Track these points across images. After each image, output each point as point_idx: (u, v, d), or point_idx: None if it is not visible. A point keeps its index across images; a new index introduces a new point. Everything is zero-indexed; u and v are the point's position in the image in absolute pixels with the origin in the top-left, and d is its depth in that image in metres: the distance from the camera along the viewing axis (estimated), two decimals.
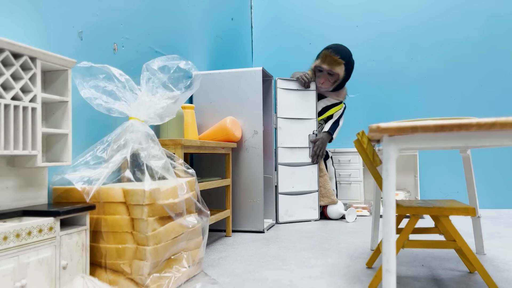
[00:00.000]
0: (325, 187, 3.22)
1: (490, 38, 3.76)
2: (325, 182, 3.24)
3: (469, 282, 1.55)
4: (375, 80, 4.01)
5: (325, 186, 3.22)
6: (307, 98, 3.21)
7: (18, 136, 1.20)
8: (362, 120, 4.04)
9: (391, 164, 1.18)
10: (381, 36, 4.01)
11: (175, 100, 1.77)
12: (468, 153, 1.90)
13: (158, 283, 1.40)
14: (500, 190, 3.71)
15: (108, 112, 1.64)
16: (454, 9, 3.83)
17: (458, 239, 1.49)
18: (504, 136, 1.13)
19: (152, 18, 2.30)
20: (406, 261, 1.88)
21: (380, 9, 4.01)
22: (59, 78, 1.41)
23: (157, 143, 1.68)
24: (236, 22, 3.87)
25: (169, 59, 1.79)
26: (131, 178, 1.60)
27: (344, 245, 2.22)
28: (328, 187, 3.22)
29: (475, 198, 1.93)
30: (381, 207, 3.11)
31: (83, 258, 1.34)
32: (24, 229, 1.10)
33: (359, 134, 1.71)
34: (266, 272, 1.72)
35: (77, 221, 1.36)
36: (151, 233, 1.39)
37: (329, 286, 1.53)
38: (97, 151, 1.58)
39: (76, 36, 1.69)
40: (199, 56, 2.99)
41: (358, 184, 3.64)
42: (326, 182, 3.24)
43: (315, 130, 3.18)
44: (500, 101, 3.73)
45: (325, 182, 3.24)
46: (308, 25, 4.21)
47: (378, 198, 2.08)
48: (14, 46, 1.17)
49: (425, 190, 3.86)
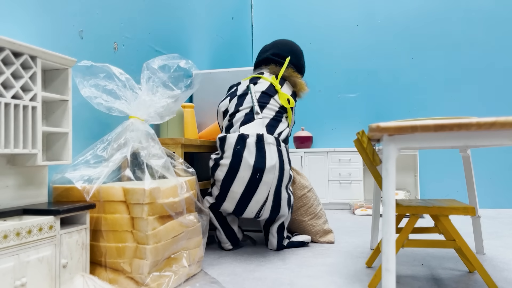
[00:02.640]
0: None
1: (490, 38, 3.75)
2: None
3: (468, 282, 1.55)
4: (375, 80, 4.01)
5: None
6: None
7: (18, 135, 1.20)
8: (362, 119, 4.04)
9: (391, 164, 1.19)
10: (381, 35, 4.01)
11: (175, 99, 1.77)
12: (468, 152, 1.90)
13: (158, 282, 1.41)
14: (500, 189, 3.71)
15: (108, 111, 1.64)
16: (455, 9, 3.83)
17: (457, 239, 1.49)
18: (504, 136, 1.14)
19: (153, 17, 2.30)
20: (406, 260, 1.89)
21: (381, 8, 4.01)
22: (59, 77, 1.41)
23: (157, 142, 1.68)
24: (237, 21, 3.87)
25: (170, 58, 1.80)
26: (131, 177, 1.60)
27: (344, 245, 2.22)
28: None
29: (475, 198, 1.93)
30: (381, 206, 3.11)
31: (83, 257, 1.34)
32: (24, 228, 1.10)
33: (359, 133, 1.71)
34: (266, 271, 1.72)
35: (77, 219, 1.36)
36: (151, 232, 1.39)
37: (329, 285, 1.53)
38: (97, 150, 1.58)
39: (77, 35, 1.69)
40: (200, 55, 2.99)
41: (358, 184, 3.64)
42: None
43: None
44: (500, 100, 3.73)
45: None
46: (308, 24, 4.21)
47: (378, 197, 2.08)
48: (14, 45, 1.17)
49: (425, 189, 3.86)
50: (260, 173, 1.93)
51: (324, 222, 2.31)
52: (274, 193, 1.98)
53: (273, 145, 1.99)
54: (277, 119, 2.14)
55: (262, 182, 1.93)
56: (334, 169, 3.69)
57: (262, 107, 2.15)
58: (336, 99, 4.10)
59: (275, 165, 1.94)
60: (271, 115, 2.14)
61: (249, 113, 2.13)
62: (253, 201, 1.98)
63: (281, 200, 2.01)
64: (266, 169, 1.93)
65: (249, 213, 2.02)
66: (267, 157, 1.95)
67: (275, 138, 2.02)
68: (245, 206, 2.00)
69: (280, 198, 2.00)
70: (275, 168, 1.94)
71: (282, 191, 2.00)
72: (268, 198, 1.98)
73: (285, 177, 2.01)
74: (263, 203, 1.99)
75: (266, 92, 2.20)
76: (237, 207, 2.01)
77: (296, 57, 2.39)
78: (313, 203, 2.28)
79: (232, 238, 2.16)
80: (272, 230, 2.11)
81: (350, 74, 4.07)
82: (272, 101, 2.18)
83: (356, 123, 4.05)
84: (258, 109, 2.13)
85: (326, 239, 2.28)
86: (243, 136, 1.98)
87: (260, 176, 1.93)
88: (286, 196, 2.05)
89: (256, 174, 1.93)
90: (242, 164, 1.93)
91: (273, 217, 2.07)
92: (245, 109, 2.16)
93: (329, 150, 3.70)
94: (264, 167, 1.93)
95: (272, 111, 2.15)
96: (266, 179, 1.94)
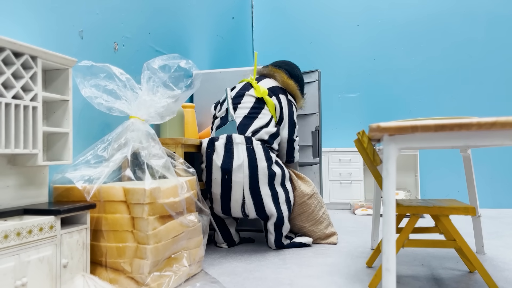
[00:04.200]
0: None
1: (491, 37, 3.75)
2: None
3: (469, 282, 1.55)
4: (376, 80, 4.01)
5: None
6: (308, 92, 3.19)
7: (19, 135, 1.20)
8: (363, 119, 4.04)
9: (391, 164, 1.19)
10: (381, 35, 4.00)
11: (175, 99, 1.77)
12: (468, 152, 1.90)
13: (158, 281, 1.41)
14: (500, 189, 3.71)
15: (109, 111, 1.64)
16: (455, 8, 3.83)
17: (458, 239, 1.49)
18: (505, 136, 1.13)
19: (153, 17, 2.30)
20: (406, 260, 1.89)
21: (381, 8, 4.01)
22: (60, 77, 1.41)
23: (158, 142, 1.68)
24: (237, 21, 3.87)
25: (170, 58, 1.80)
26: (132, 177, 1.60)
27: (344, 244, 2.22)
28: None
29: (475, 198, 1.93)
30: (382, 206, 3.11)
31: (83, 257, 1.34)
32: (25, 228, 1.11)
33: (359, 133, 1.71)
34: (267, 271, 1.72)
35: (77, 219, 1.36)
36: (151, 232, 1.39)
37: (329, 285, 1.53)
38: (98, 150, 1.58)
39: (77, 35, 1.69)
40: (200, 55, 2.99)
41: (358, 183, 3.64)
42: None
43: (318, 126, 3.10)
44: (500, 100, 3.72)
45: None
46: (309, 24, 4.21)
47: (378, 197, 2.08)
48: (15, 45, 1.17)
49: (426, 189, 3.86)
50: (228, 173, 1.97)
51: (326, 227, 2.27)
52: (250, 192, 1.99)
53: (241, 145, 2.01)
54: (250, 116, 2.14)
55: (233, 182, 1.97)
56: (335, 169, 3.69)
57: (235, 108, 2.19)
58: (336, 99, 4.10)
59: (242, 164, 1.96)
60: (243, 114, 2.15)
61: (224, 117, 2.20)
62: (232, 201, 2.02)
63: (262, 198, 2.00)
64: (233, 169, 1.96)
65: (235, 212, 2.06)
66: (234, 157, 1.98)
67: (245, 137, 2.03)
68: (228, 206, 2.04)
69: (260, 196, 2.00)
70: (243, 166, 1.96)
71: (261, 189, 1.99)
72: (245, 197, 2.00)
73: (262, 175, 1.99)
74: (242, 203, 2.01)
75: (239, 91, 2.25)
76: (222, 208, 2.06)
77: (289, 65, 2.46)
78: (314, 209, 2.22)
79: (228, 239, 2.21)
80: (270, 228, 2.11)
81: (350, 74, 4.07)
82: (245, 99, 2.20)
83: (356, 123, 4.05)
84: (232, 111, 2.17)
85: (328, 241, 2.27)
86: (213, 139, 2.05)
87: (229, 177, 1.97)
88: (269, 194, 2.02)
89: (225, 175, 1.98)
90: (213, 166, 2.01)
91: (262, 217, 2.07)
92: (221, 114, 2.23)
93: (329, 150, 3.70)
94: (231, 167, 1.97)
95: (245, 109, 2.17)
96: (235, 179, 1.97)
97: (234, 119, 2.13)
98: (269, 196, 2.02)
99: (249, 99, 2.20)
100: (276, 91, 2.24)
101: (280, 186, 2.07)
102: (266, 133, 2.11)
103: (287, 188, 2.12)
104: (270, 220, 2.08)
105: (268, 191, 2.02)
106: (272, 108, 2.18)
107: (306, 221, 2.23)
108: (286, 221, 2.11)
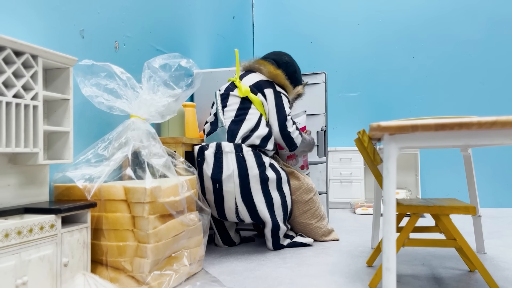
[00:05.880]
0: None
1: (491, 37, 3.75)
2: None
3: (469, 281, 1.55)
4: (376, 79, 4.00)
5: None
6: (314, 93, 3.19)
7: (19, 134, 1.20)
8: (363, 118, 4.04)
9: (392, 163, 1.19)
10: (382, 34, 4.00)
11: (176, 98, 1.77)
12: (469, 152, 1.90)
13: (158, 280, 1.41)
14: (501, 189, 3.71)
15: (110, 110, 1.64)
16: (456, 8, 3.82)
17: (458, 238, 1.49)
18: (505, 135, 1.13)
19: (153, 16, 2.30)
20: (407, 259, 1.89)
21: (382, 7, 4.01)
22: (60, 76, 1.41)
23: (158, 141, 1.68)
24: (238, 21, 3.87)
25: (170, 57, 1.80)
26: (132, 176, 1.61)
27: (345, 244, 2.22)
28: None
29: (476, 197, 1.93)
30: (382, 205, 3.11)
31: (84, 256, 1.34)
32: (25, 227, 1.11)
33: (360, 132, 1.71)
34: (267, 270, 1.72)
35: (78, 218, 1.36)
36: (152, 231, 1.39)
37: (330, 284, 1.53)
38: (98, 149, 1.58)
39: (78, 34, 1.69)
40: (201, 54, 2.99)
41: (359, 183, 3.64)
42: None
43: (324, 126, 3.08)
44: (501, 100, 3.72)
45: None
46: (309, 23, 4.21)
47: (378, 196, 2.08)
48: (15, 44, 1.17)
49: (426, 188, 3.86)
50: (219, 184, 1.95)
51: (327, 222, 2.31)
52: (243, 200, 1.96)
53: (231, 153, 1.96)
54: (238, 119, 2.05)
55: (224, 192, 1.96)
56: (335, 168, 3.69)
57: (222, 113, 2.12)
58: (337, 98, 4.10)
59: (232, 174, 1.93)
60: (230, 117, 2.07)
61: (213, 123, 2.13)
62: (226, 208, 2.00)
63: (256, 205, 1.97)
64: (223, 179, 1.94)
65: (231, 218, 2.04)
66: (224, 167, 1.94)
67: (234, 145, 1.97)
68: (223, 212, 2.03)
69: (254, 204, 1.97)
70: (233, 177, 1.93)
71: (254, 196, 1.96)
72: (238, 205, 1.98)
73: (254, 182, 1.95)
74: (236, 210, 1.99)
75: (224, 92, 2.17)
76: (218, 213, 2.05)
77: (276, 54, 2.32)
78: (319, 206, 2.26)
79: (227, 241, 2.20)
80: (267, 234, 2.07)
81: (351, 73, 4.07)
82: (230, 100, 2.11)
83: (357, 122, 4.05)
84: (222, 116, 2.09)
85: (331, 237, 2.29)
86: (203, 148, 2.02)
87: (219, 186, 1.95)
88: (263, 201, 1.98)
89: (216, 185, 1.96)
90: (204, 175, 1.98)
91: (258, 222, 2.05)
92: (211, 119, 2.17)
93: (330, 149, 3.70)
94: (221, 177, 1.94)
95: (232, 111, 2.08)
96: (226, 188, 1.95)
97: (223, 125, 2.05)
98: (263, 203, 1.99)
99: (234, 99, 2.11)
100: (260, 86, 2.12)
101: (276, 190, 2.03)
102: (257, 138, 2.03)
103: (284, 192, 2.07)
104: (266, 227, 2.06)
105: (261, 197, 1.98)
106: (260, 106, 2.10)
107: (312, 218, 2.23)
108: (282, 225, 2.08)
